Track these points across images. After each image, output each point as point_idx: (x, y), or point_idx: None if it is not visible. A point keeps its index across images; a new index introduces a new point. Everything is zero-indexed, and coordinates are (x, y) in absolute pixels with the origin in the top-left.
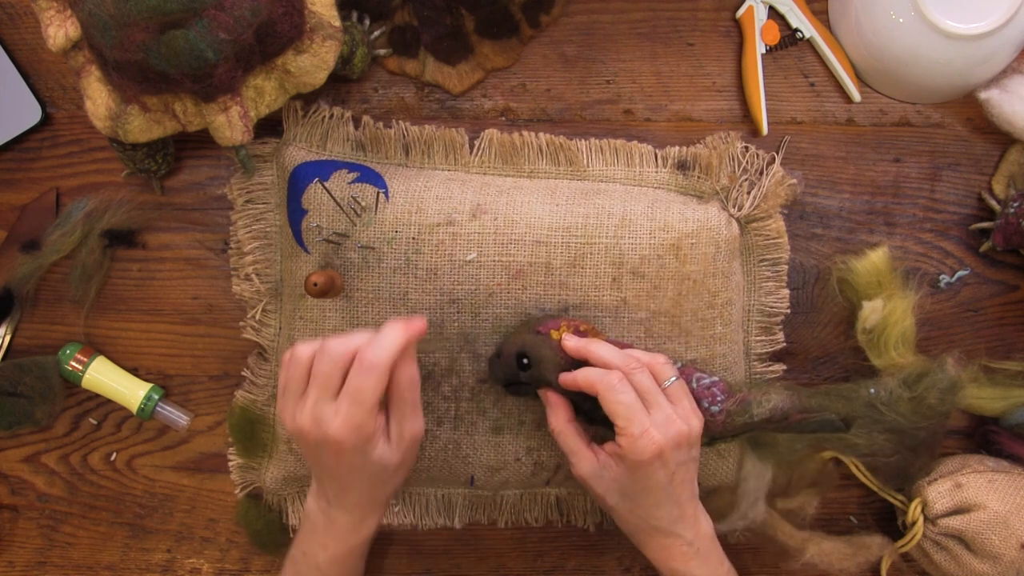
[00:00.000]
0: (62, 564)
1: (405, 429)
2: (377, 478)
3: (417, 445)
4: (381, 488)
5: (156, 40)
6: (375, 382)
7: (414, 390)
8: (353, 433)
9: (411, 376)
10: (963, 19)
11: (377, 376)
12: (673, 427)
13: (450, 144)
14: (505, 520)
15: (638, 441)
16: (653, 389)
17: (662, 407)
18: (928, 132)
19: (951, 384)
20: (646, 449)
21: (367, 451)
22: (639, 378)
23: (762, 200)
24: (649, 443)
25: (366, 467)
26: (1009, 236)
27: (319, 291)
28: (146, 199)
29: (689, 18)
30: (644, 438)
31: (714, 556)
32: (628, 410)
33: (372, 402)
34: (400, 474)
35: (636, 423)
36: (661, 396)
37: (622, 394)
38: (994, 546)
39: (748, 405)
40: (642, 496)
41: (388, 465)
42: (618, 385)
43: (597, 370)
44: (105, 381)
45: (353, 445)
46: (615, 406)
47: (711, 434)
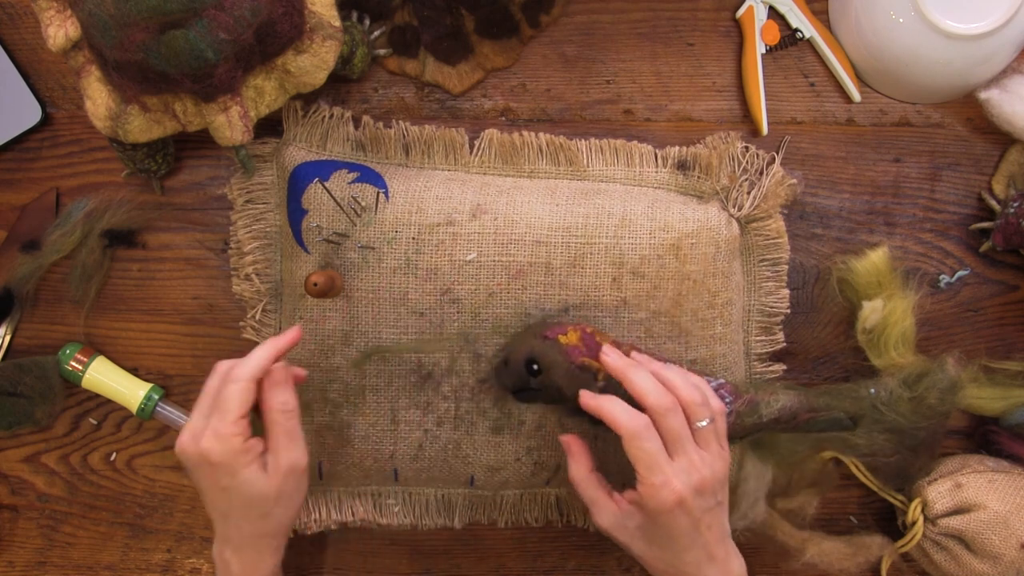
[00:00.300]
0: (62, 564)
1: (280, 458)
2: (253, 507)
3: (298, 479)
4: (261, 521)
5: (156, 40)
6: (237, 393)
7: (289, 418)
8: (219, 444)
9: (283, 402)
10: (963, 19)
11: (239, 387)
12: (696, 475)
13: (450, 144)
14: (505, 520)
15: (659, 491)
16: (682, 435)
17: (688, 454)
18: (928, 132)
19: (951, 384)
20: (667, 499)
21: (235, 470)
22: (670, 423)
23: (762, 200)
24: (670, 493)
25: (239, 490)
26: (1009, 236)
27: (319, 291)
28: (146, 199)
29: (689, 18)
30: (665, 488)
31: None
32: (650, 458)
33: (235, 413)
34: (281, 508)
35: (657, 472)
36: (689, 443)
37: (646, 441)
38: (994, 546)
39: (757, 406)
40: (668, 543)
41: (262, 492)
42: (644, 432)
43: (622, 411)
44: (105, 381)
45: (220, 459)
46: (637, 452)
47: None
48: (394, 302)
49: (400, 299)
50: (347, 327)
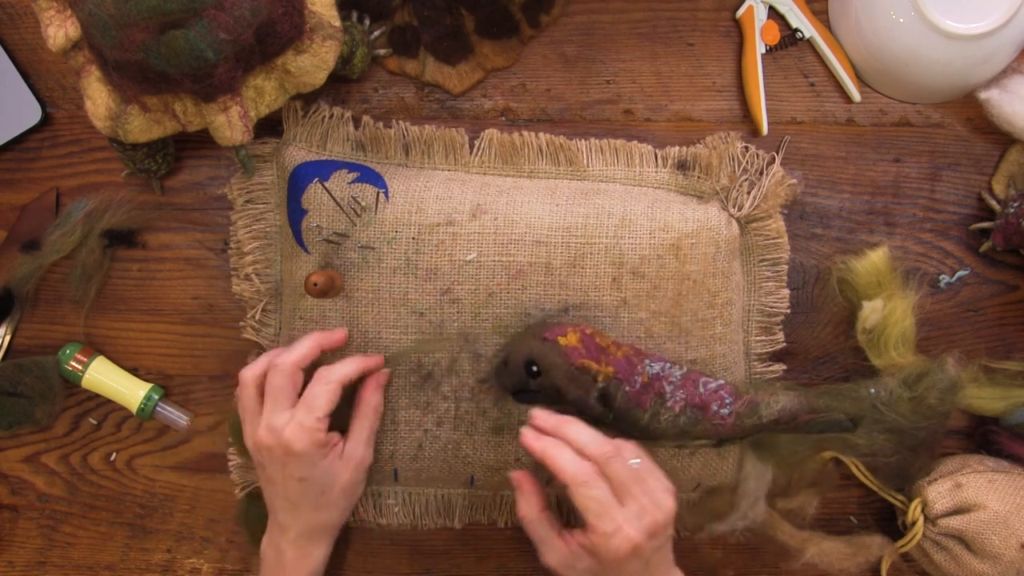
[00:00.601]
0: (62, 564)
1: (357, 451)
2: (324, 496)
3: (364, 471)
4: (327, 511)
5: (156, 40)
6: (328, 393)
7: (376, 419)
8: (304, 436)
9: (379, 403)
10: (963, 19)
11: (330, 388)
12: (648, 518)
13: (450, 144)
14: (505, 520)
15: (612, 539)
16: (628, 478)
17: (637, 497)
18: (928, 132)
19: (951, 384)
20: (620, 547)
21: (316, 460)
22: (615, 468)
23: (762, 200)
24: (623, 541)
25: (316, 479)
26: (1009, 236)
27: (319, 291)
28: (146, 199)
29: (689, 18)
30: (617, 536)
31: None
32: (599, 506)
33: (323, 411)
34: (345, 500)
35: (607, 520)
36: (636, 486)
37: (594, 489)
38: (994, 546)
39: (756, 407)
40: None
41: (336, 482)
42: (591, 480)
43: (567, 458)
44: (105, 381)
45: (303, 449)
46: (585, 500)
47: (720, 436)
48: (394, 302)
49: (400, 299)
50: (347, 327)
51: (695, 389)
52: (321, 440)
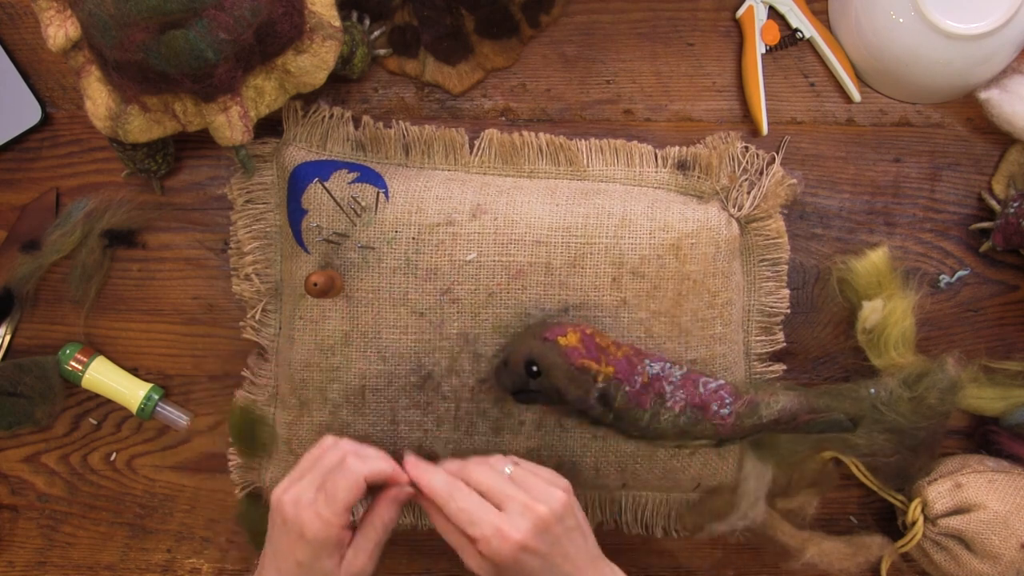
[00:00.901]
0: (62, 564)
1: (359, 557)
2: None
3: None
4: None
5: (156, 40)
6: (350, 487)
7: (386, 533)
8: (319, 526)
9: (391, 519)
10: (963, 19)
11: (353, 482)
12: (531, 513)
13: (450, 144)
14: None
15: (491, 543)
16: (498, 482)
17: (514, 498)
18: (928, 132)
19: (951, 384)
20: (503, 549)
21: (320, 555)
22: (479, 476)
23: (762, 200)
24: (503, 542)
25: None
26: (1009, 236)
27: (319, 291)
28: (146, 199)
29: (689, 18)
30: (496, 538)
31: None
32: (469, 513)
33: (343, 504)
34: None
35: (482, 524)
36: (510, 486)
37: (462, 500)
38: (994, 546)
39: (756, 407)
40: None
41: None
42: (455, 492)
43: (439, 480)
44: (105, 381)
45: (312, 538)
46: (458, 513)
47: (720, 436)
48: (394, 302)
49: (400, 299)
50: (347, 327)
51: (695, 389)
52: (334, 537)
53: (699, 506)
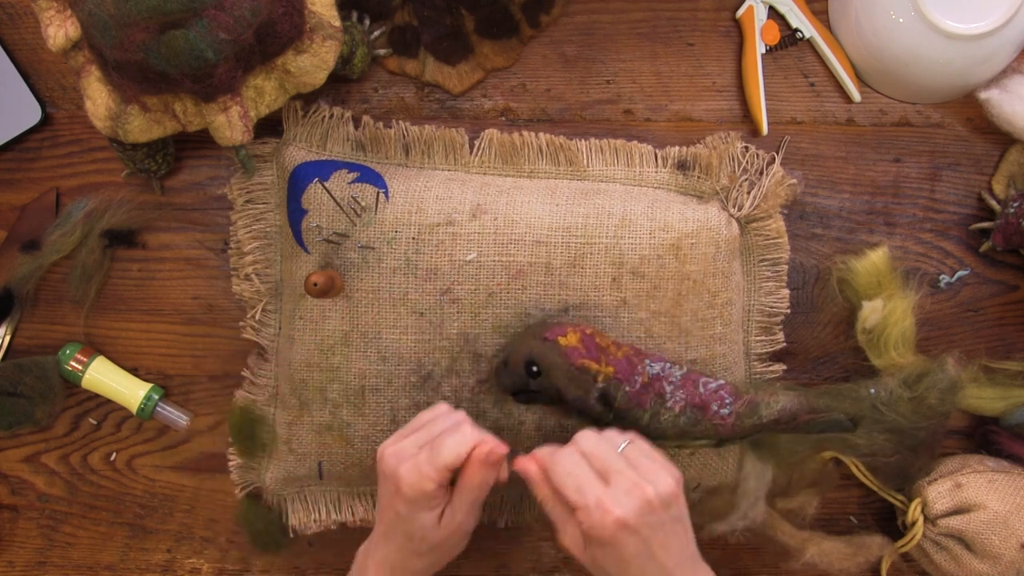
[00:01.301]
0: (62, 564)
1: (457, 517)
2: (412, 541)
3: (460, 540)
4: (413, 557)
5: (156, 40)
6: (456, 447)
7: (483, 493)
8: (415, 479)
9: (486, 480)
10: (963, 19)
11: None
12: (638, 492)
13: (450, 144)
14: (505, 520)
15: (592, 513)
16: (611, 458)
17: (623, 472)
18: (928, 132)
19: (951, 384)
20: (604, 523)
21: (415, 508)
22: (592, 446)
23: (762, 200)
24: (605, 515)
25: (410, 522)
26: (1009, 236)
27: (319, 291)
28: (146, 199)
29: (689, 18)
30: (599, 510)
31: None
32: (576, 480)
33: (443, 462)
34: (435, 556)
35: (588, 493)
36: (620, 461)
37: (569, 465)
38: (994, 546)
39: (756, 407)
40: (622, 567)
41: (427, 535)
42: (566, 459)
43: (545, 449)
44: (105, 381)
45: (408, 492)
46: (562, 479)
47: (720, 436)
48: (394, 302)
49: (400, 299)
50: (347, 327)
51: (695, 389)
52: (430, 492)
53: (699, 506)
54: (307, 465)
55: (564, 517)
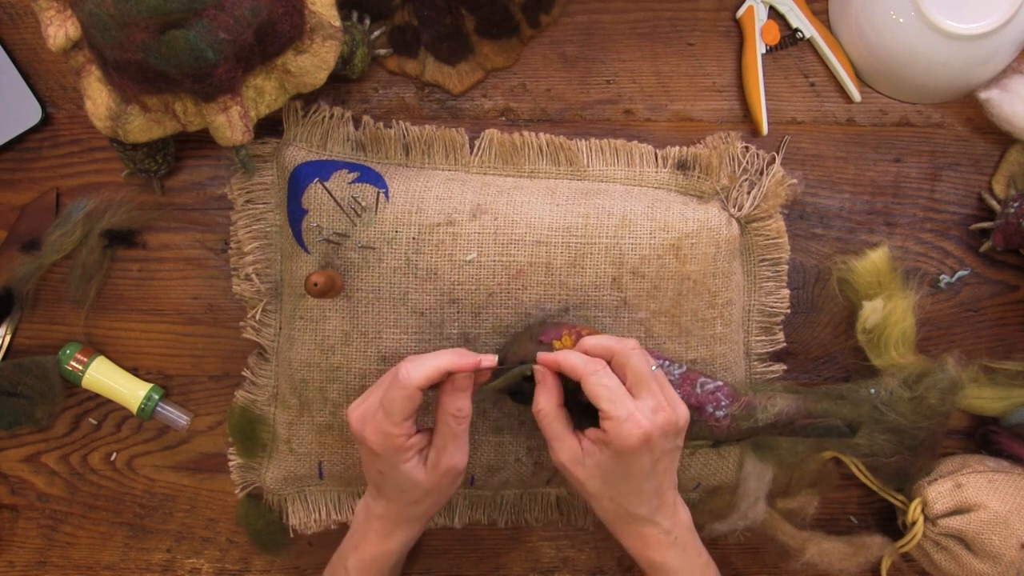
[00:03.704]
0: (62, 564)
1: (442, 458)
2: (406, 493)
3: (454, 478)
4: (411, 505)
5: (156, 40)
6: (402, 398)
7: (460, 423)
8: (382, 440)
9: (458, 407)
10: (963, 19)
11: (405, 393)
12: (662, 414)
13: (450, 144)
14: (505, 520)
15: (624, 425)
16: (645, 374)
17: (653, 392)
18: (928, 132)
19: (951, 384)
20: (632, 433)
21: (396, 462)
22: (633, 361)
23: (762, 200)
24: (635, 427)
25: (395, 476)
26: (1009, 236)
27: (319, 291)
28: (146, 199)
29: (689, 18)
30: (630, 422)
31: (692, 547)
32: (612, 393)
33: (400, 416)
34: (432, 499)
35: (621, 406)
36: (653, 382)
37: (605, 377)
38: (994, 546)
39: (753, 410)
40: (624, 482)
41: (417, 484)
42: (602, 370)
43: (577, 357)
44: (105, 381)
45: (382, 452)
46: (598, 388)
47: (716, 438)
48: (394, 302)
49: (400, 299)
50: (347, 327)
51: (692, 389)
52: (399, 445)
53: (699, 506)
54: (307, 465)
55: (563, 432)
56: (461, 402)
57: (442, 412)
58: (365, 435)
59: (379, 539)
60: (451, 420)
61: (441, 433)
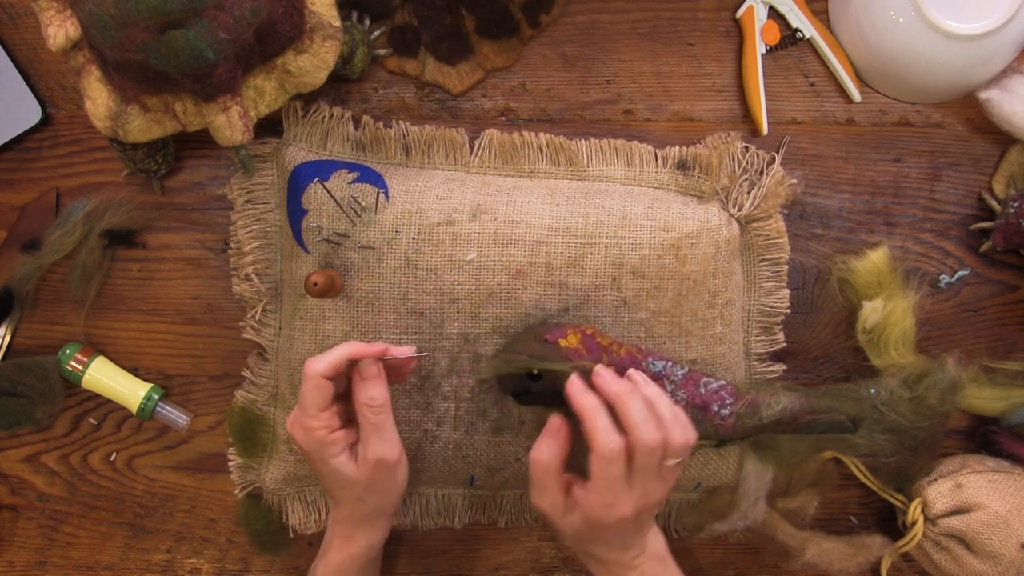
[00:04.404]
0: (62, 564)
1: (368, 450)
2: (346, 491)
3: (387, 470)
4: (356, 503)
5: (156, 40)
6: (309, 389)
7: (376, 412)
8: (305, 435)
9: (370, 397)
10: (963, 19)
11: (310, 384)
12: (643, 501)
13: (450, 144)
14: (505, 520)
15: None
16: (650, 472)
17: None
18: (928, 132)
19: (951, 384)
20: (609, 517)
21: (325, 458)
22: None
23: (762, 200)
24: (614, 513)
25: (329, 473)
26: (1009, 236)
27: (319, 291)
28: (146, 199)
29: (689, 18)
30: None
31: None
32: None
33: (314, 408)
34: (375, 495)
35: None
36: (651, 477)
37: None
38: (994, 546)
39: (757, 407)
40: (595, 541)
41: (351, 479)
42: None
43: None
44: (105, 381)
45: (310, 449)
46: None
47: (721, 437)
48: (394, 302)
49: (400, 299)
50: (347, 327)
51: (696, 389)
52: (323, 439)
53: (699, 506)
54: (306, 465)
55: (551, 486)
56: (373, 391)
57: (357, 404)
58: (294, 435)
59: (342, 544)
60: (366, 411)
61: (362, 426)
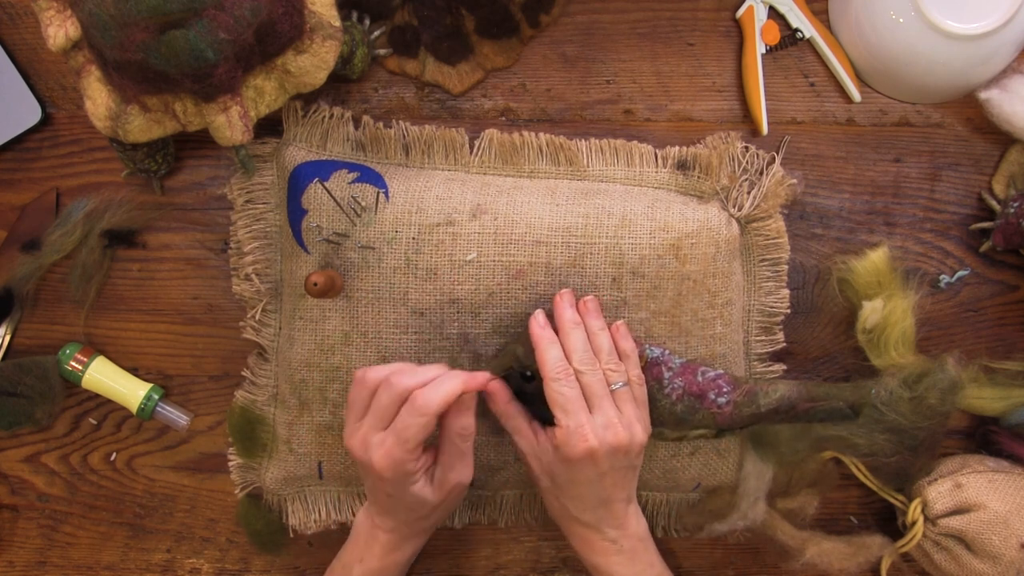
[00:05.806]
0: (62, 564)
1: (449, 475)
2: (414, 511)
3: (461, 492)
4: (420, 520)
5: (156, 40)
6: (420, 425)
7: (465, 440)
8: (392, 467)
9: (463, 426)
10: (963, 19)
11: (423, 420)
12: (611, 432)
13: (450, 144)
14: (505, 520)
15: (571, 436)
16: (599, 392)
17: (605, 410)
18: (928, 132)
19: (951, 384)
20: (577, 446)
21: (405, 485)
22: (587, 379)
23: (762, 200)
24: (580, 440)
25: (404, 498)
26: (1009, 236)
27: (319, 291)
28: (146, 199)
29: (689, 18)
30: (577, 434)
31: (642, 557)
32: (567, 402)
33: (415, 442)
34: (439, 513)
35: (572, 416)
36: (607, 400)
37: (565, 387)
38: (994, 546)
39: (755, 396)
40: (569, 487)
41: (426, 502)
42: (565, 378)
43: (553, 355)
44: (105, 381)
45: (392, 477)
46: (556, 395)
47: (719, 426)
48: (394, 302)
49: (400, 299)
50: (347, 327)
51: (694, 378)
52: (409, 470)
53: (699, 506)
54: (307, 465)
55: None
56: (466, 420)
57: (448, 431)
58: (372, 461)
59: (386, 552)
60: (457, 439)
61: (448, 452)
